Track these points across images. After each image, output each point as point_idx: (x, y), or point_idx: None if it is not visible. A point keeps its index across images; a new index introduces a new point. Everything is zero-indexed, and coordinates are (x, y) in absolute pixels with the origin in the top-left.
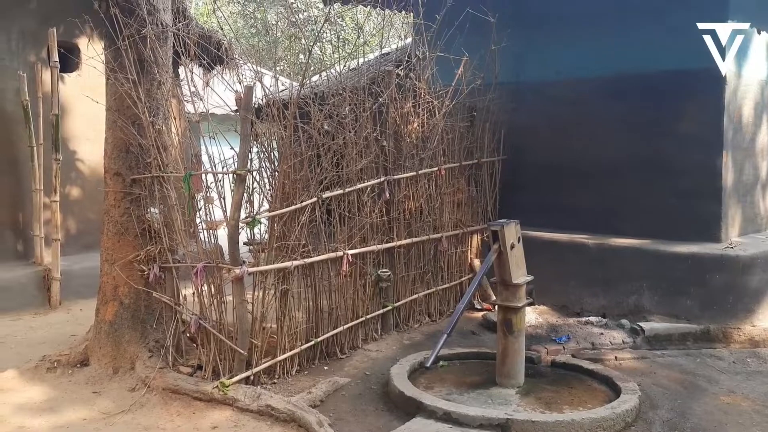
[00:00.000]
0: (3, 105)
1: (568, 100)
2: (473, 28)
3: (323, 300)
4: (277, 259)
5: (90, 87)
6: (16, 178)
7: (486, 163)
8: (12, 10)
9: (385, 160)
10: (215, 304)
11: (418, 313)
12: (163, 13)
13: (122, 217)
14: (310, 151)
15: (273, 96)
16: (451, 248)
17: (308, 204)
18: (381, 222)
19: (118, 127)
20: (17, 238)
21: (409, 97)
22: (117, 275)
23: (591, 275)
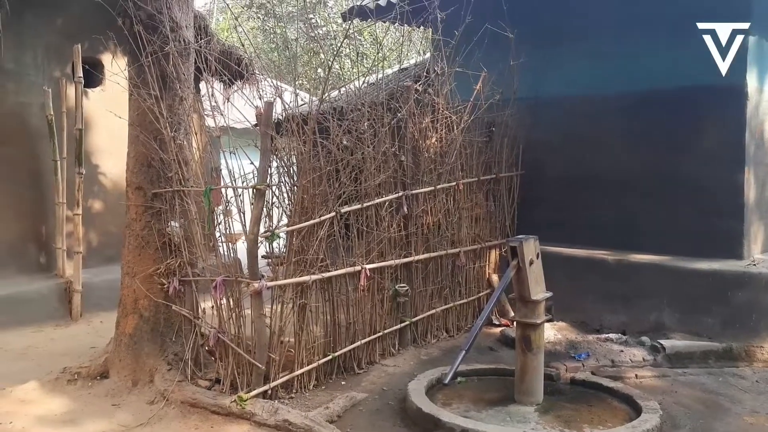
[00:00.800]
0: (28, 120)
1: (588, 116)
2: (492, 43)
3: (341, 314)
4: (296, 273)
5: (113, 102)
6: (40, 191)
7: (504, 177)
8: (39, 27)
9: (404, 174)
10: (234, 317)
11: (436, 328)
12: (186, 30)
13: (143, 231)
14: (329, 166)
15: (293, 111)
16: (469, 263)
17: (327, 218)
18: (399, 237)
19: (140, 142)
20: (40, 251)
21: (428, 113)
22: (137, 288)
23: (610, 291)
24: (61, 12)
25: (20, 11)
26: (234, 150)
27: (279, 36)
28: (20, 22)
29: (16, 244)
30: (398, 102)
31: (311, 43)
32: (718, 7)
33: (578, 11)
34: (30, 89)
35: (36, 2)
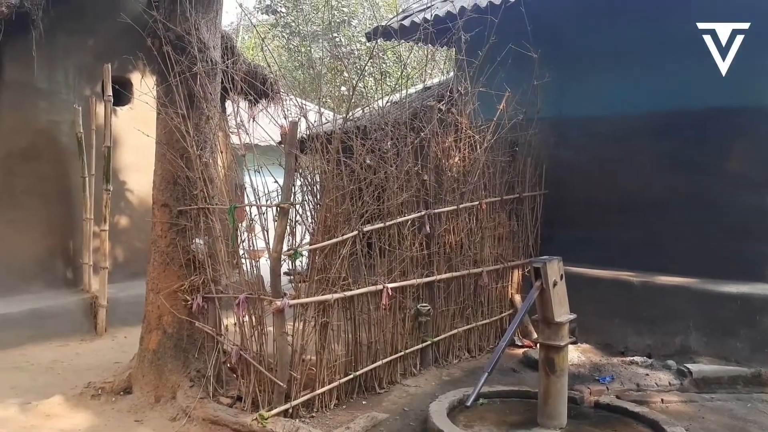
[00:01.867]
0: (58, 137)
1: (612, 136)
2: (515, 63)
3: (362, 333)
4: (318, 291)
5: (141, 120)
6: (68, 207)
7: (527, 197)
8: (70, 46)
9: (426, 194)
10: (256, 335)
11: (458, 348)
12: (213, 50)
13: (168, 248)
14: (352, 185)
15: (316, 129)
16: (491, 283)
17: (349, 237)
18: (421, 256)
19: (167, 160)
20: (67, 266)
21: (451, 132)
22: (161, 304)
23: (635, 314)
24: (92, 32)
25: (53, 32)
26: (258, 168)
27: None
28: (53, 42)
29: (45, 259)
30: (421, 121)
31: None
32: None
33: (603, 30)
34: (61, 107)
35: (68, 23)
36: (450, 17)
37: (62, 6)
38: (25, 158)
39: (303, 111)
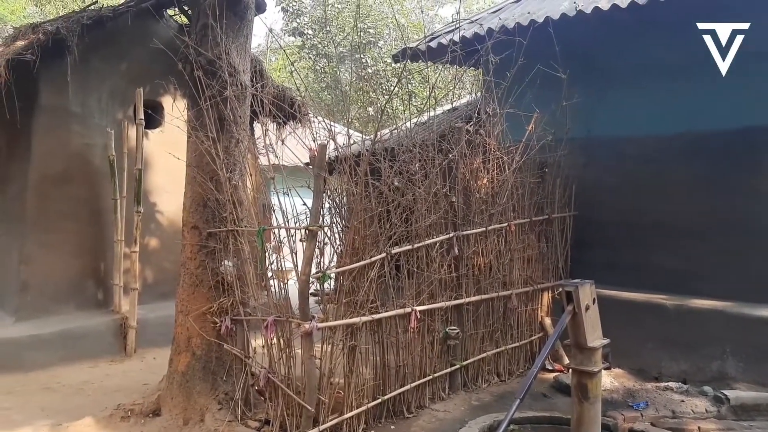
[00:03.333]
0: (91, 160)
1: (643, 157)
2: (544, 83)
3: (390, 356)
4: (346, 314)
5: (171, 143)
6: (100, 229)
7: (557, 218)
8: (104, 71)
9: (454, 215)
10: (284, 358)
11: (487, 372)
12: (243, 74)
13: (197, 270)
14: (380, 207)
15: (344, 151)
16: (521, 306)
17: (377, 259)
18: (449, 278)
19: (197, 183)
20: (98, 287)
21: (479, 153)
22: (191, 326)
23: (670, 338)
24: (124, 58)
25: (87, 57)
26: (287, 190)
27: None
28: (87, 67)
29: (76, 281)
30: (449, 143)
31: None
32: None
33: (633, 50)
34: (94, 131)
35: (102, 49)
36: (477, 39)
37: (96, 32)
38: (59, 181)
39: (332, 133)
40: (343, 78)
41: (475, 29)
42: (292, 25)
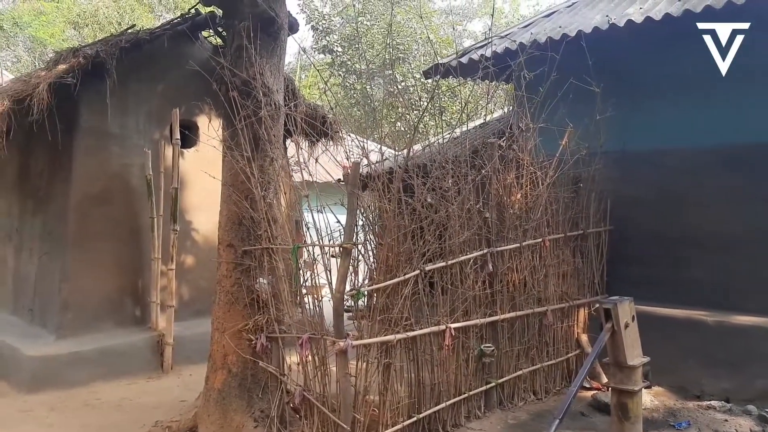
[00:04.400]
0: (129, 180)
1: (680, 169)
2: (576, 97)
3: (425, 374)
4: (380, 332)
5: (206, 161)
6: (138, 247)
7: (592, 233)
8: (141, 93)
9: (488, 231)
10: (319, 375)
11: (523, 390)
12: (276, 94)
13: (233, 287)
14: (414, 224)
15: (377, 168)
16: (556, 322)
17: (411, 276)
18: (484, 295)
19: (232, 201)
20: (136, 305)
21: (512, 168)
22: (227, 344)
23: (711, 355)
24: (161, 79)
25: (125, 80)
26: (321, 208)
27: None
28: (125, 89)
29: (115, 298)
30: (482, 158)
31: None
32: None
33: (668, 61)
34: (132, 151)
35: (139, 71)
36: (509, 54)
37: (134, 55)
38: (99, 201)
39: (365, 151)
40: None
41: (506, 44)
42: (322, 43)
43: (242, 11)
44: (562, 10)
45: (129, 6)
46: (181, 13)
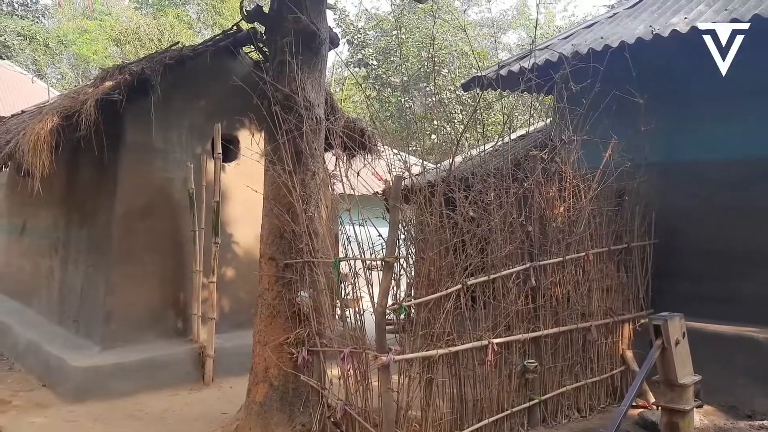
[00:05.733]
0: (172, 193)
1: (728, 181)
2: (620, 108)
3: (467, 390)
4: (422, 346)
5: (246, 175)
6: (180, 260)
7: (636, 247)
8: (184, 107)
9: (531, 245)
10: (361, 390)
11: (567, 407)
12: (318, 108)
13: (274, 300)
14: (456, 238)
15: (419, 181)
16: (600, 338)
17: (453, 291)
18: (526, 310)
19: (274, 215)
20: (178, 317)
21: (555, 181)
22: (268, 357)
23: (763, 373)
24: (203, 94)
25: (168, 95)
26: (362, 221)
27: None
28: (168, 104)
29: (157, 310)
30: (524, 171)
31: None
32: None
33: (714, 71)
34: (174, 165)
35: (182, 86)
36: (549, 65)
37: (177, 71)
38: (142, 214)
39: (407, 165)
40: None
41: (546, 56)
42: (357, 56)
43: (285, 27)
44: (603, 21)
45: (169, 23)
46: (223, 30)
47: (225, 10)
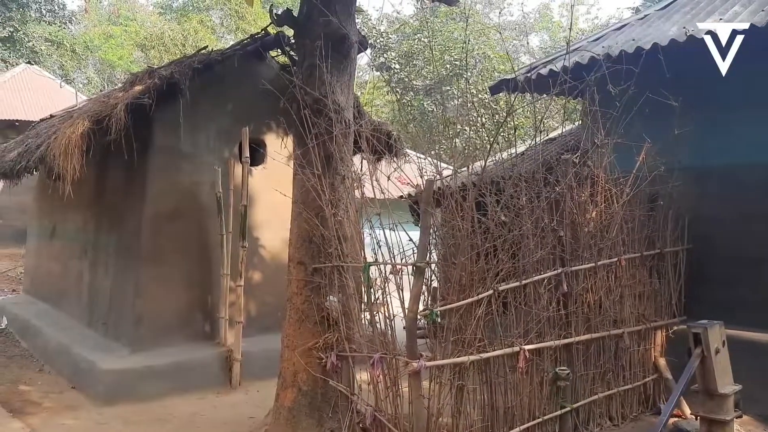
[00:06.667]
0: (200, 197)
1: (764, 186)
2: (653, 112)
3: (498, 397)
4: (453, 353)
5: (273, 178)
6: (207, 263)
7: (669, 253)
8: (212, 112)
9: (562, 250)
10: (391, 396)
11: (599, 415)
12: (347, 111)
13: (303, 305)
14: (488, 243)
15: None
16: (633, 345)
17: (485, 296)
18: (558, 316)
19: (302, 219)
20: (205, 320)
21: (587, 185)
22: (297, 361)
23: None
24: (230, 98)
25: (196, 99)
26: (392, 226)
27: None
28: (196, 108)
29: (185, 313)
30: (556, 175)
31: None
32: None
33: (752, 73)
34: (202, 169)
35: (210, 90)
36: (580, 68)
37: (205, 75)
38: (171, 218)
39: (439, 169)
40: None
41: (576, 58)
42: (379, 60)
43: (315, 30)
44: (634, 23)
45: (192, 28)
46: (250, 35)
47: (248, 15)
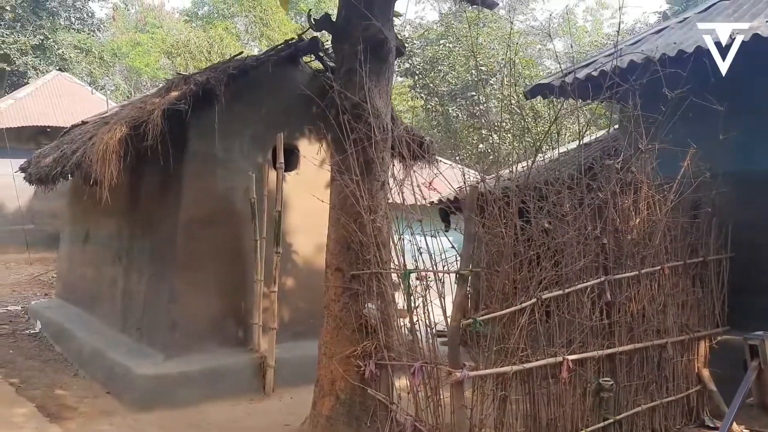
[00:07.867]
0: (234, 203)
1: None
2: (697, 116)
3: (540, 408)
4: (496, 362)
5: (306, 184)
6: (241, 269)
7: (712, 261)
8: (246, 118)
9: (605, 258)
10: (432, 406)
11: (641, 427)
12: (385, 117)
13: (341, 312)
14: (531, 251)
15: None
16: (676, 356)
17: (528, 305)
18: (601, 325)
19: (340, 225)
20: (238, 326)
21: (630, 192)
22: (335, 369)
23: None
24: (264, 104)
25: (231, 105)
26: (434, 233)
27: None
28: (231, 114)
29: (219, 319)
30: (599, 180)
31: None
32: None
33: None
34: (237, 175)
35: (244, 96)
36: (618, 72)
37: (240, 81)
38: (205, 223)
39: (482, 175)
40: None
41: (616, 62)
42: (404, 66)
43: (353, 35)
44: (674, 26)
45: (218, 36)
46: (284, 40)
47: (272, 22)
